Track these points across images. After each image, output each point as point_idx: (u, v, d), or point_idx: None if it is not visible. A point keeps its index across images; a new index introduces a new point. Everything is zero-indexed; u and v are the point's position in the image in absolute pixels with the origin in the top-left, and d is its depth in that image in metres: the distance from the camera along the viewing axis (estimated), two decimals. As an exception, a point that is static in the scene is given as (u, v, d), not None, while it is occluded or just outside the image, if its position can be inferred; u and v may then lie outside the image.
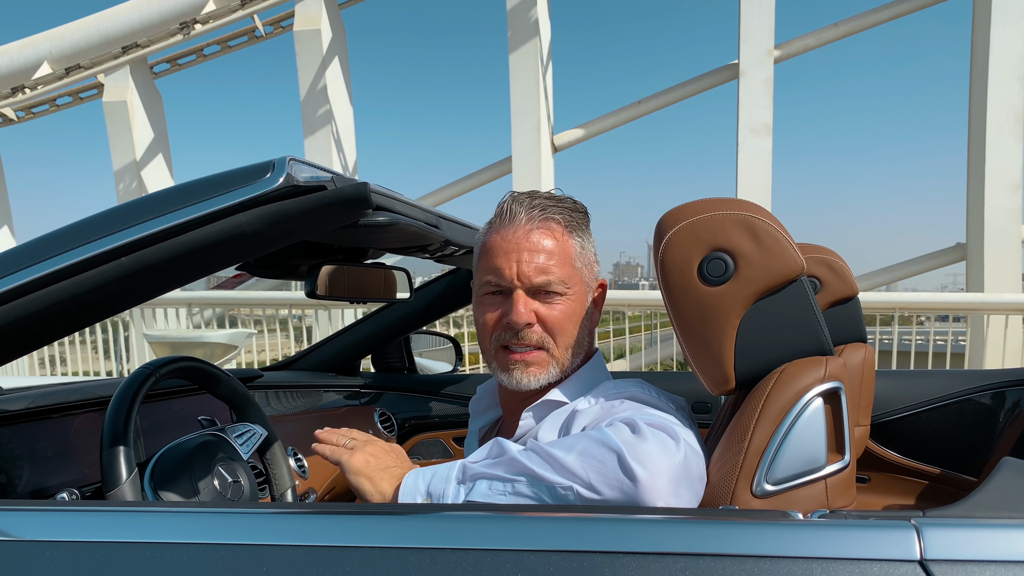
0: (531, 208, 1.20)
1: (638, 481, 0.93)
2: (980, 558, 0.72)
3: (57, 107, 12.60)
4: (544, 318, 1.19)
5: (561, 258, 1.20)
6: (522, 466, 0.99)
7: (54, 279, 1.02)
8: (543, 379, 1.21)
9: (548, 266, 1.18)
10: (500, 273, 1.19)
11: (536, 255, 1.18)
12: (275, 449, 1.58)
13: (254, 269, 1.43)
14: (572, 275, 1.21)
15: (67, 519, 0.91)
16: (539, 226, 1.20)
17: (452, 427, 2.41)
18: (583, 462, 0.96)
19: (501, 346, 1.22)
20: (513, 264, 1.18)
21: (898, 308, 5.36)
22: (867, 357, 1.89)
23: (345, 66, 10.72)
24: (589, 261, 1.25)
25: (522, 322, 1.18)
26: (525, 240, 1.19)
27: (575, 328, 1.22)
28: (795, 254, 1.04)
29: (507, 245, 1.20)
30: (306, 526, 0.85)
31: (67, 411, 1.50)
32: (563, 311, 1.20)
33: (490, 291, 1.22)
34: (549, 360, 1.21)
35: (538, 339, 1.20)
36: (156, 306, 6.76)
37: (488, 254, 1.22)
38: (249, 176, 1.04)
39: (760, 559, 0.75)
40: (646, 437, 0.98)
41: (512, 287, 1.19)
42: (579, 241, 1.23)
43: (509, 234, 1.20)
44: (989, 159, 8.25)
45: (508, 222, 1.21)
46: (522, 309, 1.17)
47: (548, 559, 0.77)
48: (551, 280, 1.18)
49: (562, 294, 1.19)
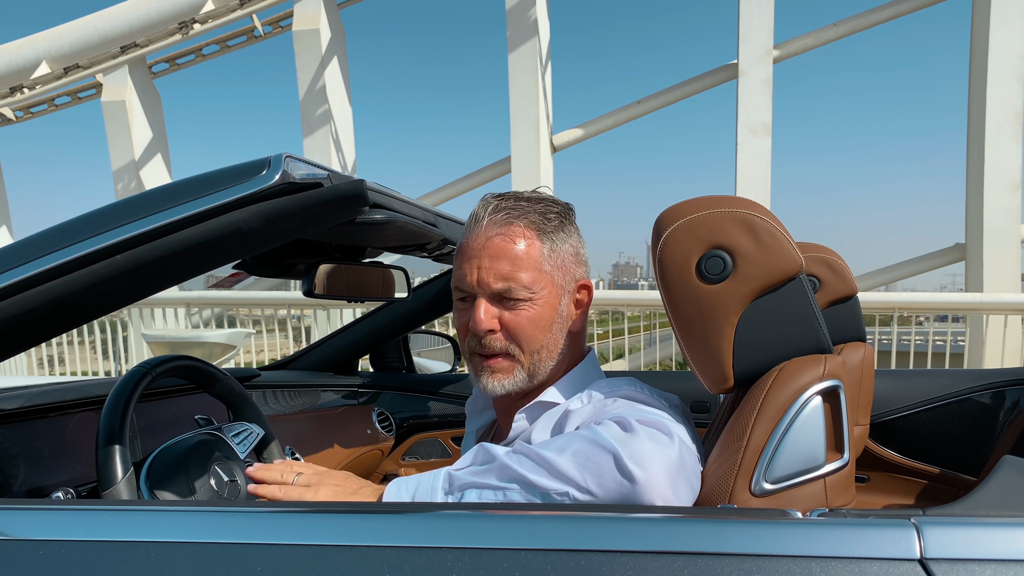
0: (495, 212, 1.18)
1: (636, 481, 0.92)
2: (980, 557, 0.72)
3: (56, 107, 12.59)
4: (507, 324, 1.17)
5: (526, 262, 1.16)
6: (513, 472, 0.97)
7: (49, 276, 1.01)
8: (508, 385, 1.19)
9: (509, 271, 1.15)
10: (463, 279, 1.19)
11: (497, 261, 1.16)
12: (272, 448, 1.57)
13: (251, 267, 1.42)
14: (539, 279, 1.17)
15: (63, 518, 0.90)
16: (500, 231, 1.17)
17: (450, 427, 2.40)
18: (578, 465, 0.95)
19: (472, 352, 1.21)
20: (474, 271, 1.17)
21: (897, 308, 5.36)
22: (866, 356, 1.89)
23: (344, 66, 10.72)
24: (563, 263, 1.20)
25: (481, 329, 1.16)
26: (485, 246, 1.17)
27: (543, 333, 1.18)
28: (794, 252, 1.03)
29: (470, 251, 1.18)
30: (302, 525, 0.85)
31: (63, 410, 1.49)
32: (528, 317, 1.17)
33: (458, 297, 1.22)
34: (514, 366, 1.19)
35: (501, 346, 1.18)
36: (154, 306, 6.76)
37: (457, 260, 1.22)
38: (245, 173, 1.03)
39: (759, 558, 0.74)
40: (639, 435, 0.97)
41: (474, 293, 1.18)
42: (549, 243, 1.18)
43: (472, 240, 1.19)
44: (988, 159, 8.26)
45: (473, 227, 1.20)
46: (481, 316, 1.16)
47: (545, 558, 0.76)
48: (512, 286, 1.15)
49: (526, 299, 1.16)
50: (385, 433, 2.35)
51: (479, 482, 0.98)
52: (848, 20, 9.53)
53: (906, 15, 9.35)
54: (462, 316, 1.21)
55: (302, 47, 10.11)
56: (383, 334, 2.44)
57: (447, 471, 1.02)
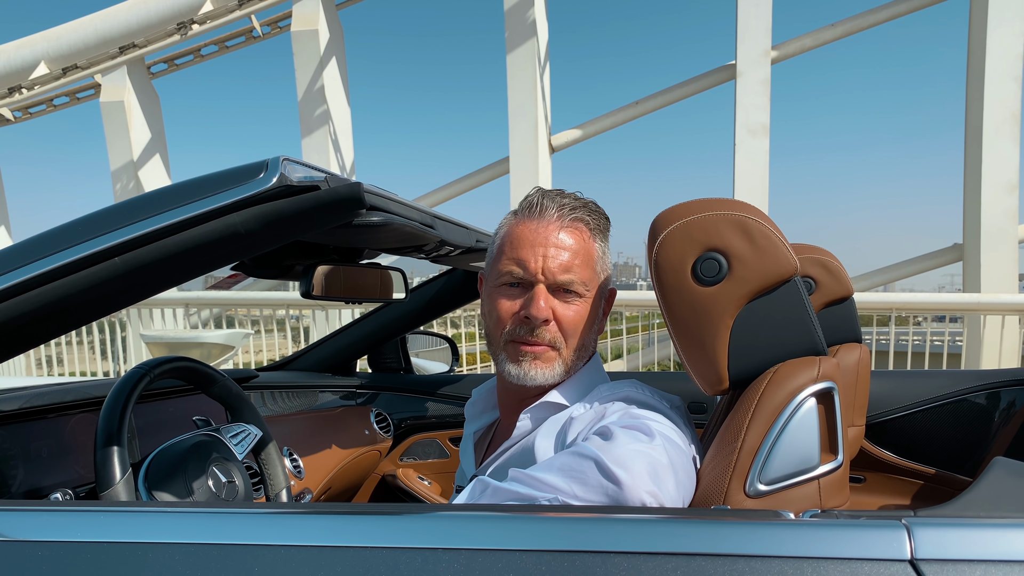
0: (562, 206, 1.20)
1: (621, 483, 0.93)
2: (971, 558, 0.72)
3: (54, 107, 12.58)
4: (560, 317, 1.18)
5: (585, 259, 1.19)
6: (507, 493, 0.98)
7: (47, 279, 1.02)
8: (549, 376, 1.19)
9: (573, 265, 1.17)
10: (525, 265, 1.18)
11: (563, 252, 1.17)
12: (270, 449, 1.58)
13: (249, 269, 1.42)
14: (592, 278, 1.21)
15: (61, 519, 0.91)
16: (569, 224, 1.19)
17: (448, 427, 2.41)
18: (564, 476, 0.96)
19: (513, 339, 1.20)
20: (539, 258, 1.17)
21: (895, 308, 5.37)
22: (862, 357, 1.89)
23: (343, 66, 10.72)
24: (606, 268, 1.25)
25: (541, 317, 1.16)
26: (554, 235, 1.18)
27: (587, 331, 1.21)
28: (788, 254, 1.04)
29: (535, 237, 1.18)
30: (299, 526, 0.85)
31: (61, 411, 1.50)
32: (579, 312, 1.19)
33: (509, 282, 1.20)
34: (557, 359, 1.19)
35: (551, 338, 1.18)
36: (153, 306, 6.76)
37: (513, 244, 1.20)
38: (242, 176, 1.04)
39: (751, 559, 0.75)
40: (620, 439, 0.98)
41: (535, 280, 1.17)
42: (601, 246, 1.23)
43: (539, 227, 1.19)
44: (986, 160, 8.27)
45: (538, 215, 1.20)
46: (543, 304, 1.16)
47: (539, 559, 0.77)
48: (574, 279, 1.17)
49: (581, 295, 1.19)
50: (383, 434, 2.36)
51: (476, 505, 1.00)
52: (846, 21, 9.53)
53: (904, 16, 9.36)
54: (508, 302, 1.20)
55: (301, 48, 10.10)
56: (381, 335, 2.45)
57: None
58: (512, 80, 9.56)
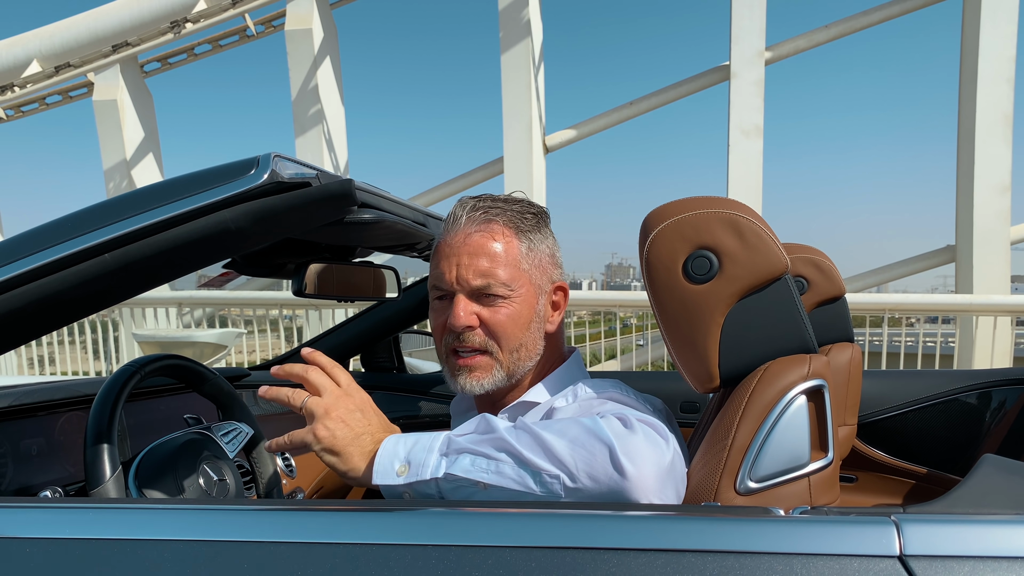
0: (472, 211, 1.21)
1: (627, 477, 0.93)
2: (959, 554, 0.73)
3: (47, 106, 12.53)
4: (486, 321, 1.19)
5: (504, 260, 1.19)
6: (510, 446, 0.96)
7: (37, 275, 1.01)
8: (487, 384, 1.21)
9: (488, 268, 1.18)
10: (441, 278, 1.20)
11: (476, 258, 1.18)
12: (261, 448, 1.58)
13: (241, 267, 1.42)
14: (517, 277, 1.20)
15: (51, 516, 0.90)
16: (479, 228, 1.20)
17: (441, 426, 2.38)
18: (573, 451, 0.94)
19: (450, 351, 1.22)
20: (453, 268, 1.19)
21: (888, 309, 5.38)
22: (854, 357, 1.90)
23: (336, 66, 10.71)
24: (541, 263, 1.24)
25: (460, 324, 1.18)
26: (464, 243, 1.19)
27: (521, 331, 1.21)
28: (779, 252, 1.04)
29: (448, 250, 1.20)
30: (290, 523, 0.85)
31: (51, 409, 1.49)
32: (507, 314, 1.19)
33: (436, 296, 1.23)
34: (493, 364, 1.20)
35: (481, 342, 1.19)
36: (145, 305, 6.74)
37: (434, 260, 1.23)
38: (233, 172, 1.04)
39: (741, 555, 0.75)
40: (637, 433, 0.97)
41: (454, 291, 1.19)
42: (527, 243, 1.22)
43: (453, 238, 1.21)
44: (978, 161, 8.29)
45: (451, 227, 1.22)
46: (461, 312, 1.17)
47: (529, 555, 0.77)
48: (490, 283, 1.18)
49: (504, 296, 1.19)
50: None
51: (475, 449, 0.97)
52: (839, 22, 9.55)
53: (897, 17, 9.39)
54: (439, 315, 1.22)
55: (294, 47, 10.08)
56: (374, 334, 2.44)
57: (448, 435, 1.02)
58: (506, 80, 9.56)
